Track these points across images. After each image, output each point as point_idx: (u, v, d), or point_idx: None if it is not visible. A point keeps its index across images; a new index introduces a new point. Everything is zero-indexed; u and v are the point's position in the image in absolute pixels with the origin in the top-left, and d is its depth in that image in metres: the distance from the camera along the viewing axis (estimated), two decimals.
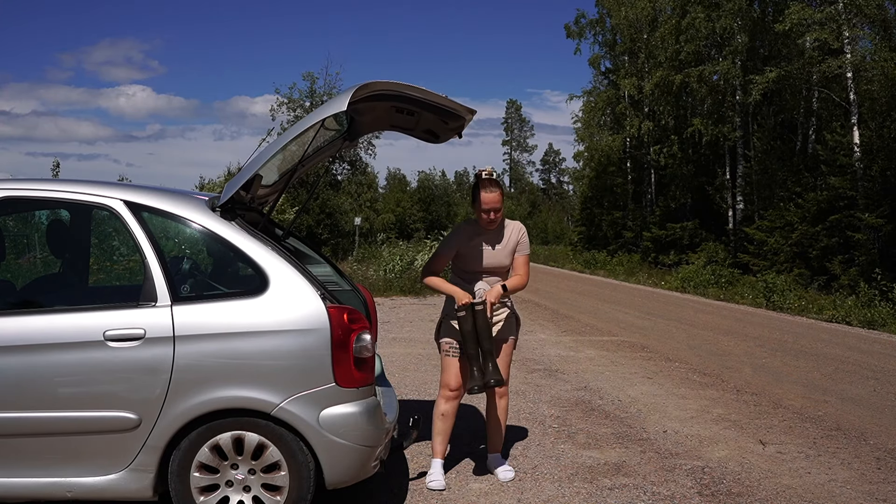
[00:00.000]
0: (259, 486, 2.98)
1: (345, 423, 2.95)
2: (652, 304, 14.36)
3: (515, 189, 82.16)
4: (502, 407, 3.91)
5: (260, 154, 3.17)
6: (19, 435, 2.91)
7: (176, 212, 3.12)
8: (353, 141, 4.19)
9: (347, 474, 3.02)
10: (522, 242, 3.83)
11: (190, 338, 2.91)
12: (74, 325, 2.92)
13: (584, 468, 4.07)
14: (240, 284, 3.20)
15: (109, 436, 2.91)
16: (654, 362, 7.53)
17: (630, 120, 28.90)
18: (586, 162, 35.27)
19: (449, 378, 3.79)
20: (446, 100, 3.45)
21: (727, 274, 18.72)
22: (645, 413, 5.37)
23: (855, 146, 16.81)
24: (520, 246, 3.83)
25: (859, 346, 9.17)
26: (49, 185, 3.22)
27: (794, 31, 17.90)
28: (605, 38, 31.20)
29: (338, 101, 2.99)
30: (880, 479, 4.00)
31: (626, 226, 30.90)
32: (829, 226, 17.07)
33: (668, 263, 24.68)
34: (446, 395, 3.80)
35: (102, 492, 2.94)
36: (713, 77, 22.62)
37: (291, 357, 2.94)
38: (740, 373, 7.02)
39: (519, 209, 70.55)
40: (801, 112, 20.92)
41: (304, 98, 30.03)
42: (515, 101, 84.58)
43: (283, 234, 3.86)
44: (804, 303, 13.76)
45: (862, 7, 16.63)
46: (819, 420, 5.25)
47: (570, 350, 8.24)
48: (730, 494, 3.71)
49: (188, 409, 2.89)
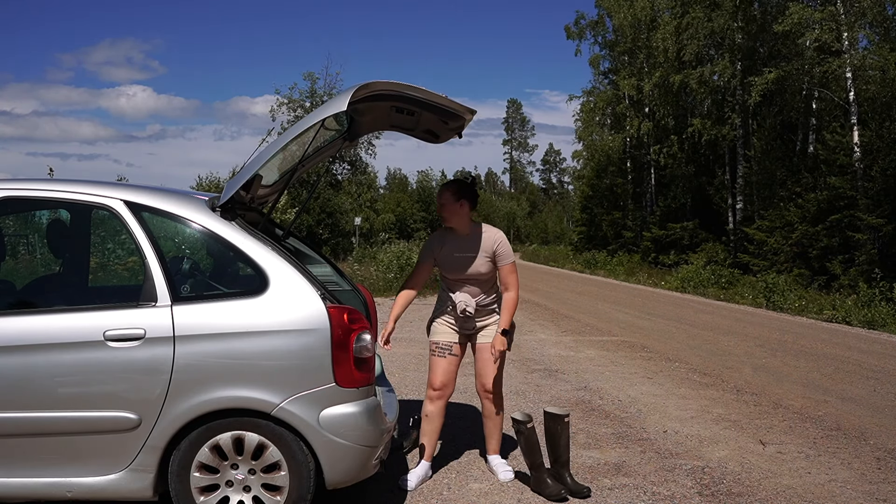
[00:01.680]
0: (259, 486, 2.98)
1: (345, 423, 2.95)
2: (652, 304, 14.36)
3: (515, 189, 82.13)
4: (496, 408, 3.88)
5: (260, 154, 3.17)
6: (19, 435, 2.91)
7: (176, 212, 3.12)
8: (353, 141, 4.19)
9: (347, 474, 3.02)
10: (501, 253, 3.72)
11: (190, 338, 2.91)
12: (74, 325, 2.92)
13: (585, 468, 4.07)
14: (240, 284, 3.20)
15: (109, 436, 2.91)
16: (654, 362, 7.53)
17: (630, 120, 28.90)
18: (586, 161, 35.29)
19: (433, 378, 3.80)
20: (446, 100, 3.45)
21: (727, 274, 18.72)
22: (645, 413, 5.37)
23: (855, 146, 16.81)
24: (500, 257, 3.72)
25: (859, 346, 9.17)
26: (49, 185, 3.22)
27: (794, 31, 17.91)
28: (605, 38, 31.21)
29: (338, 101, 2.99)
30: (880, 479, 4.00)
31: (626, 226, 30.90)
32: (829, 226, 17.07)
33: (668, 263, 24.68)
34: (430, 395, 3.81)
35: (102, 492, 2.94)
36: (713, 77, 22.63)
37: (291, 357, 2.94)
38: (740, 373, 7.02)
39: (519, 209, 70.62)
40: (801, 112, 20.92)
41: (305, 98, 30.06)
42: (516, 101, 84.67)
43: (283, 234, 3.86)
44: (804, 303, 13.76)
45: (862, 7, 16.63)
46: (819, 420, 5.25)
47: (570, 350, 8.24)
48: (730, 494, 3.71)
49: (188, 410, 2.89)
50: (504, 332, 3.71)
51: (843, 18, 17.03)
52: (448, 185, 3.77)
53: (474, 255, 3.71)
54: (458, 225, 3.74)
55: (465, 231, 3.74)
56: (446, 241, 3.77)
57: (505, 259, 3.73)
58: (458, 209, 3.70)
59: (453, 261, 3.74)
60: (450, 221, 3.74)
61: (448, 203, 3.70)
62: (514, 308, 3.76)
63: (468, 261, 3.71)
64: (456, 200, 3.70)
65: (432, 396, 3.80)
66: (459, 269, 3.73)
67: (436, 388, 3.79)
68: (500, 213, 66.53)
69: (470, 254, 3.71)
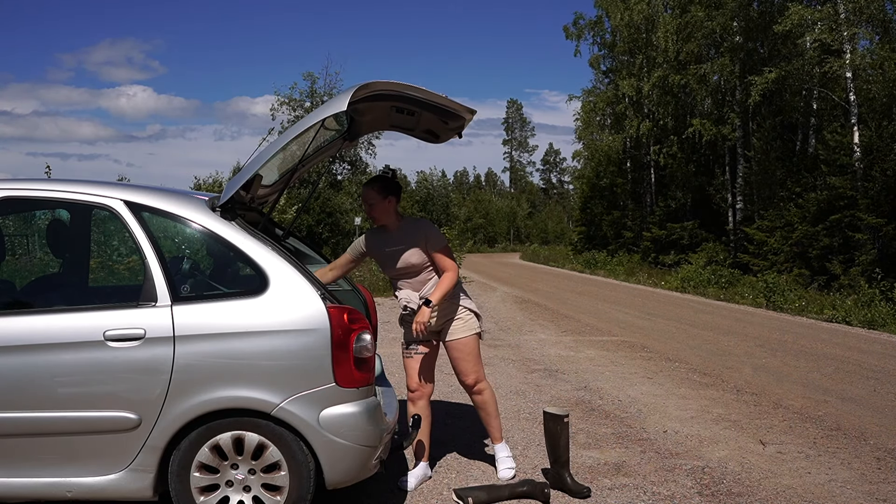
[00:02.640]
0: (259, 486, 2.99)
1: (345, 423, 2.95)
2: (652, 304, 14.35)
3: (515, 189, 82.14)
4: (486, 400, 3.85)
5: (260, 154, 3.17)
6: (19, 435, 2.92)
7: (176, 212, 3.12)
8: (353, 141, 4.19)
9: (347, 474, 3.02)
10: (430, 237, 3.67)
11: (190, 338, 2.91)
12: (74, 325, 2.92)
13: (585, 468, 4.07)
14: (240, 284, 3.20)
15: (109, 436, 2.91)
16: (654, 362, 7.53)
17: (630, 120, 28.90)
18: (586, 161, 35.29)
19: (408, 379, 3.82)
20: (446, 100, 3.45)
21: (727, 274, 18.71)
22: (645, 413, 5.37)
23: (855, 146, 16.81)
24: (429, 242, 3.66)
25: (859, 346, 9.16)
26: (49, 185, 3.22)
27: (794, 31, 17.90)
28: (604, 39, 31.19)
29: (338, 101, 2.99)
30: (880, 479, 4.00)
31: (626, 226, 30.89)
32: (829, 226, 17.06)
33: (668, 263, 24.68)
34: (409, 398, 3.82)
35: (102, 492, 2.94)
36: (713, 77, 22.62)
37: (291, 357, 2.94)
38: (740, 373, 7.02)
39: (519, 209, 70.59)
40: (801, 112, 20.92)
41: (305, 98, 30.07)
42: (516, 101, 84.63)
43: (283, 234, 3.87)
44: (804, 303, 13.76)
45: (862, 7, 16.63)
46: (819, 420, 5.25)
47: (570, 350, 8.24)
48: (730, 494, 3.71)
49: (188, 409, 2.89)
50: (427, 302, 3.61)
51: (843, 18, 17.03)
52: (372, 184, 3.72)
53: (404, 247, 3.68)
54: (388, 221, 3.73)
55: (394, 226, 3.74)
56: (377, 239, 3.76)
57: (435, 243, 3.68)
58: (387, 205, 3.70)
59: (386, 256, 3.73)
60: (380, 220, 3.74)
61: (377, 202, 3.68)
62: (450, 283, 3.64)
63: (399, 253, 3.68)
64: (384, 198, 3.69)
65: (411, 398, 3.82)
66: (393, 263, 3.71)
67: (412, 389, 3.80)
68: (500, 213, 66.53)
69: (400, 246, 3.69)
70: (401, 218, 3.77)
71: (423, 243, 3.67)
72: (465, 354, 3.77)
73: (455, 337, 3.77)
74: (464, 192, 74.66)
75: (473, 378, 3.80)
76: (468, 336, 3.77)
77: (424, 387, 3.80)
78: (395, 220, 3.74)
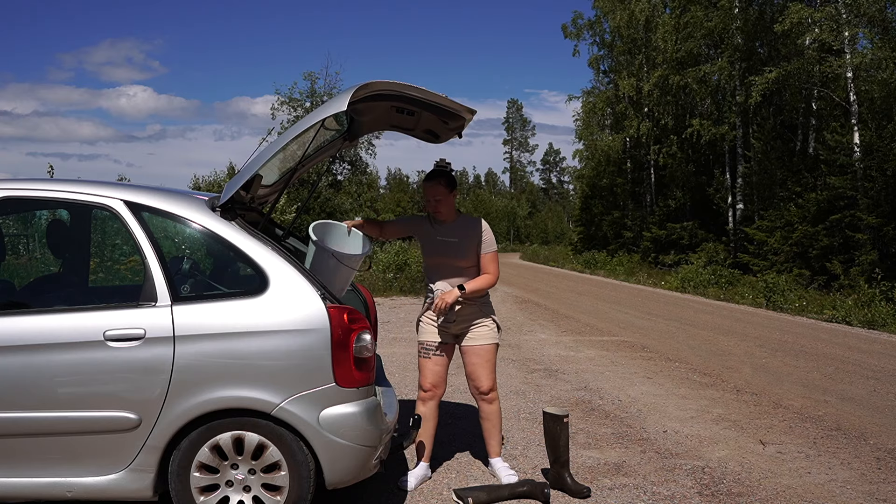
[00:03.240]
0: (259, 486, 2.98)
1: (345, 423, 2.95)
2: (652, 304, 14.36)
3: (515, 189, 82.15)
4: (494, 411, 3.84)
5: (260, 154, 3.17)
6: (19, 435, 2.91)
7: (176, 212, 3.12)
8: (353, 141, 4.19)
9: (347, 474, 3.02)
10: (485, 240, 3.73)
11: (190, 338, 2.91)
12: (74, 325, 2.92)
13: (585, 468, 4.07)
14: (240, 284, 3.20)
15: (109, 436, 2.91)
16: (654, 362, 7.53)
17: (630, 120, 28.90)
18: (586, 161, 35.29)
19: (422, 379, 3.81)
20: (446, 100, 3.45)
21: (727, 274, 18.71)
22: (645, 413, 5.37)
23: (855, 146, 16.81)
24: (483, 244, 3.72)
25: (859, 346, 9.17)
26: (49, 185, 3.22)
27: (794, 31, 17.90)
28: (603, 39, 31.20)
29: (338, 101, 2.99)
30: (880, 479, 4.00)
31: (626, 226, 30.91)
32: (829, 226, 17.07)
33: (668, 263, 24.69)
34: (421, 396, 3.81)
35: (102, 492, 2.94)
36: (713, 77, 22.62)
37: (291, 357, 2.94)
38: (740, 373, 7.02)
39: (519, 209, 70.62)
40: (801, 112, 20.92)
41: (305, 98, 30.05)
42: (516, 101, 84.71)
43: (283, 234, 3.86)
44: (804, 303, 13.76)
45: (862, 7, 16.63)
46: (819, 420, 5.25)
47: (570, 350, 8.24)
48: (730, 494, 3.71)
49: (188, 409, 2.89)
50: (461, 287, 3.62)
51: (844, 18, 17.03)
52: (438, 179, 3.71)
53: (457, 241, 3.69)
54: (451, 217, 3.75)
55: (451, 219, 3.75)
56: (429, 225, 3.77)
57: (488, 247, 3.72)
58: (452, 200, 3.72)
59: (437, 244, 3.72)
60: (444, 215, 3.74)
61: (444, 197, 3.69)
62: (486, 284, 3.69)
63: (451, 245, 3.69)
64: (450, 192, 3.71)
65: (423, 398, 3.80)
66: (442, 253, 3.71)
67: (425, 389, 3.79)
68: (500, 212, 66.54)
69: (453, 239, 3.70)
70: (458, 212, 3.79)
71: (476, 244, 3.70)
72: (485, 361, 3.78)
73: (477, 343, 3.77)
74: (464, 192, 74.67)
75: (487, 385, 3.80)
76: (490, 344, 3.79)
77: (437, 388, 3.80)
78: (455, 213, 3.78)
